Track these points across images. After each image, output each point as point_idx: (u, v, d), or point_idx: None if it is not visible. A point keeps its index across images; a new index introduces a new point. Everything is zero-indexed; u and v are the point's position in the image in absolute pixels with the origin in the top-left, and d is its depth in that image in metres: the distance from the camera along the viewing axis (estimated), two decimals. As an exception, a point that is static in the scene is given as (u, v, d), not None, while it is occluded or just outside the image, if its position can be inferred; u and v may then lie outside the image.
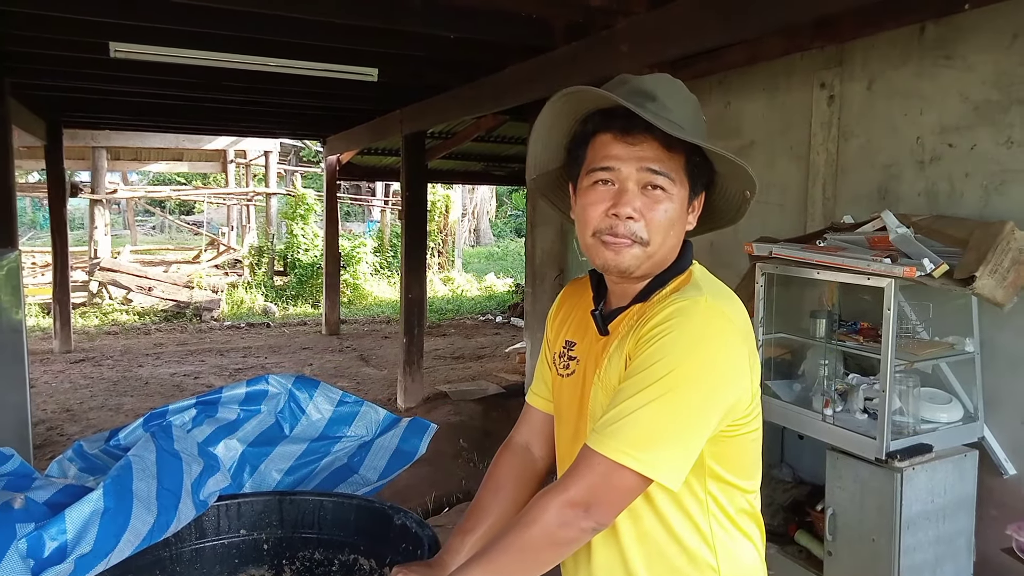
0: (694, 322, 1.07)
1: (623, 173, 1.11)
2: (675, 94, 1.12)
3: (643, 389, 1.04)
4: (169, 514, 1.37)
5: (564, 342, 1.31)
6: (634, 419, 1.02)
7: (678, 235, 1.17)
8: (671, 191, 1.12)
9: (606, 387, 1.15)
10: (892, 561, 2.50)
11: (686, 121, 1.10)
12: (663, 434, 1.03)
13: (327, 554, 1.59)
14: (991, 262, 2.33)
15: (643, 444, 1.02)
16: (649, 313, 1.12)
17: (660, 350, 1.05)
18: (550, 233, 6.25)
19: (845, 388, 2.84)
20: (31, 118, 7.25)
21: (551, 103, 1.15)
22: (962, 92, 2.82)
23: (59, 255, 8.54)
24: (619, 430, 1.03)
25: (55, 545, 1.19)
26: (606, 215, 1.12)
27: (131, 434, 1.66)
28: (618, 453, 1.02)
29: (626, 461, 1.01)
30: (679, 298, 1.11)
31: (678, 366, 1.04)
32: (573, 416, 1.26)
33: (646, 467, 1.02)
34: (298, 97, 6.20)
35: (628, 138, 1.10)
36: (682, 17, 3.00)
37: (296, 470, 1.79)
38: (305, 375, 1.91)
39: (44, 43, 4.32)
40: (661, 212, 1.12)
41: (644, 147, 1.10)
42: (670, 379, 1.03)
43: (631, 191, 1.11)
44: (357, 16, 3.49)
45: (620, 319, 1.19)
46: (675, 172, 1.12)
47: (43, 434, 5.60)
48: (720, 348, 1.07)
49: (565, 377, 1.28)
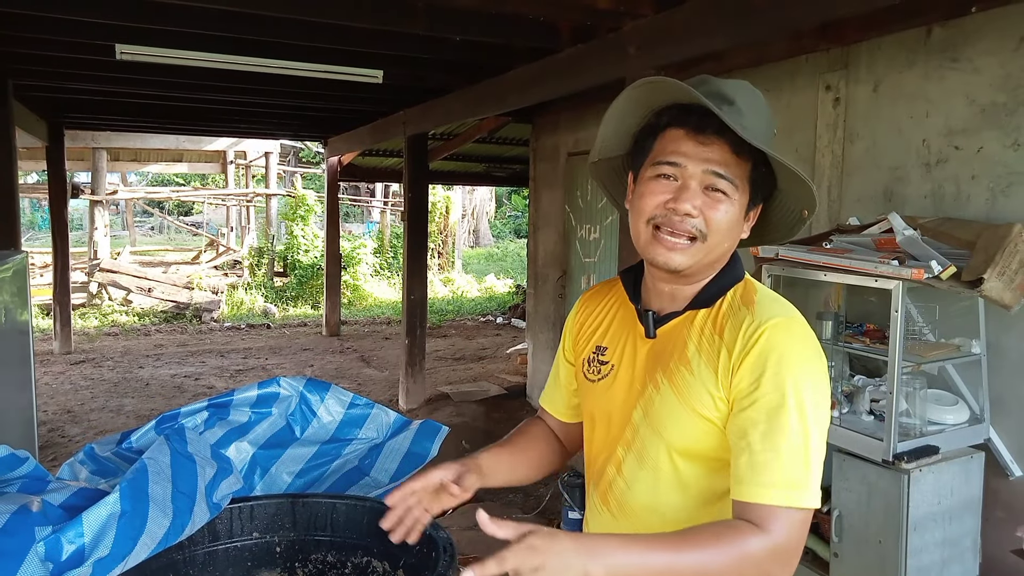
0: (804, 348, 1.09)
1: (688, 171, 1.11)
2: (753, 102, 1.11)
3: (784, 427, 1.05)
4: (184, 517, 1.37)
5: (595, 347, 1.29)
6: (793, 461, 1.04)
7: (733, 241, 1.16)
8: (732, 196, 1.11)
9: (685, 399, 1.14)
10: (899, 563, 2.50)
11: (759, 131, 1.09)
12: (815, 465, 1.06)
13: (340, 556, 1.58)
14: (999, 264, 2.33)
15: (808, 482, 1.05)
16: (736, 329, 1.12)
17: (785, 382, 1.06)
18: (552, 234, 6.26)
19: (851, 390, 2.84)
20: (33, 119, 7.25)
21: (630, 89, 1.13)
22: (969, 94, 2.83)
23: (59, 256, 8.53)
24: (789, 477, 1.04)
25: (73, 548, 1.19)
26: (663, 206, 1.11)
27: (143, 436, 1.65)
28: (802, 501, 1.03)
29: (808, 504, 1.04)
30: (770, 316, 1.11)
31: (806, 397, 1.06)
32: (604, 419, 1.25)
33: (816, 501, 1.05)
34: (300, 98, 6.20)
35: (700, 137, 1.10)
36: (689, 20, 3.00)
37: (307, 472, 1.78)
38: (316, 377, 1.90)
39: (47, 45, 4.31)
40: (721, 213, 1.11)
41: (714, 148, 1.09)
42: (803, 410, 1.05)
43: (693, 189, 1.10)
44: (362, 18, 3.49)
45: (677, 325, 1.18)
46: (739, 179, 1.11)
47: (44, 436, 5.59)
48: (823, 370, 1.11)
49: (595, 382, 1.27)
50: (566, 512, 3.74)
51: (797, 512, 1.03)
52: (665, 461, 1.17)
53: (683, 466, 1.16)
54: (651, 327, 1.20)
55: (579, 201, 5.79)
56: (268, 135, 11.11)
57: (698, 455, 1.15)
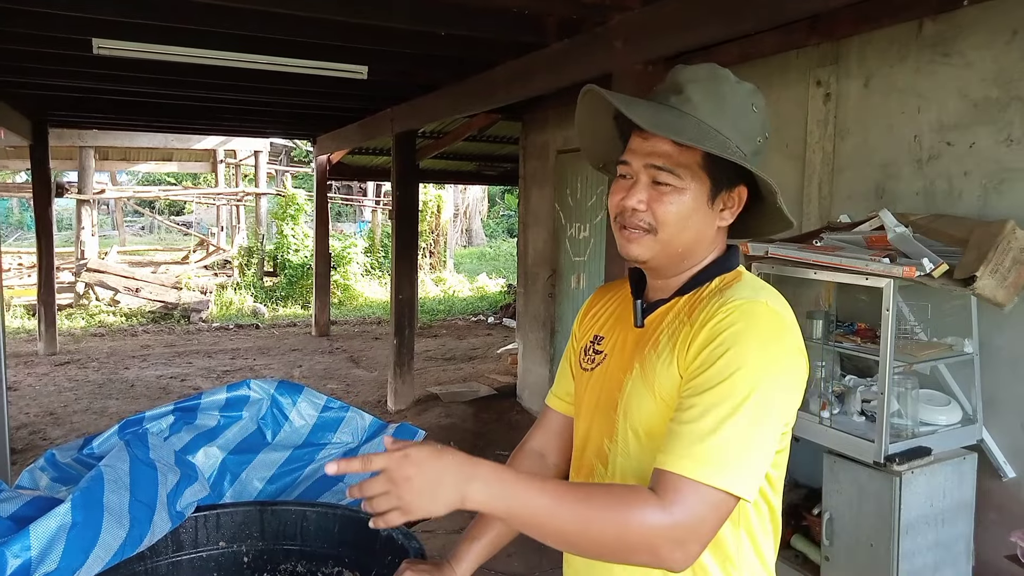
0: (762, 330, 1.04)
1: (634, 167, 1.14)
2: (707, 87, 1.11)
3: (721, 403, 0.99)
4: (143, 527, 1.30)
5: (592, 336, 1.29)
6: (722, 439, 0.97)
7: (698, 228, 1.13)
8: (680, 186, 1.11)
9: (648, 382, 1.11)
10: (890, 566, 2.46)
11: (713, 115, 1.09)
12: (750, 451, 0.98)
13: (310, 567, 1.53)
14: (992, 262, 2.29)
15: (737, 464, 0.97)
16: (703, 310, 1.09)
17: (731, 360, 1.01)
18: (543, 233, 6.20)
19: (842, 390, 2.79)
20: (16, 117, 7.15)
21: (579, 101, 1.18)
22: (961, 89, 2.78)
23: (44, 256, 8.43)
24: (714, 454, 0.96)
25: (18, 563, 1.12)
26: (620, 204, 1.15)
27: (105, 442, 1.59)
28: (723, 481, 0.95)
29: (732, 488, 0.96)
30: (735, 297, 1.08)
31: (754, 376, 1.00)
32: (592, 409, 1.23)
33: (744, 489, 0.97)
34: (287, 96, 6.13)
35: (643, 133, 1.12)
36: (677, 13, 2.95)
37: (279, 478, 1.72)
38: (288, 380, 1.84)
39: (26, 40, 4.22)
40: (667, 204, 1.11)
41: (655, 142, 1.11)
42: (747, 390, 0.99)
43: (640, 184, 1.13)
44: (346, 12, 3.43)
45: (661, 312, 1.17)
46: (685, 167, 1.10)
47: (25, 438, 5.50)
48: (787, 355, 1.05)
49: (589, 371, 1.26)
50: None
51: (709, 491, 0.95)
52: (635, 446, 1.13)
53: (656, 452, 1.11)
54: (639, 316, 1.19)
55: (569, 199, 5.73)
56: (256, 133, 11.01)
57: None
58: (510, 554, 3.52)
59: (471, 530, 1.32)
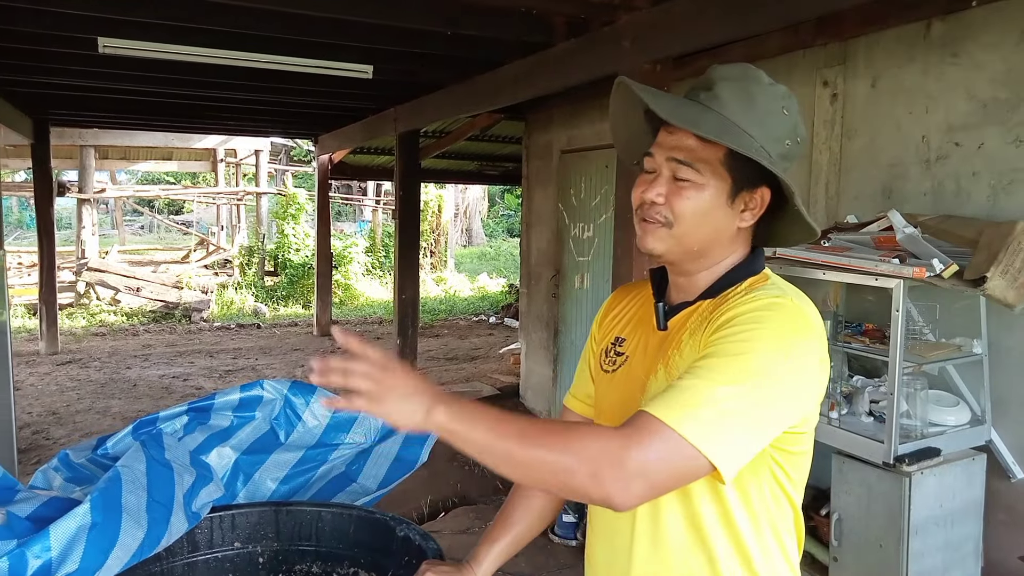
0: (782, 320, 1.03)
1: (658, 160, 1.14)
2: (737, 86, 1.10)
3: (724, 371, 0.97)
4: (160, 528, 1.30)
5: (613, 338, 1.28)
6: (712, 399, 0.95)
7: (715, 226, 1.12)
8: (700, 181, 1.10)
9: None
10: (900, 567, 2.46)
11: (739, 113, 1.08)
12: (737, 423, 0.96)
13: (325, 567, 1.53)
14: (1002, 262, 2.28)
15: (718, 430, 0.94)
16: (727, 306, 1.08)
17: (745, 339, 1.00)
18: (546, 233, 6.19)
19: (850, 390, 2.79)
20: (17, 115, 7.13)
21: (612, 94, 1.19)
22: (969, 90, 2.78)
23: (45, 255, 8.42)
24: (698, 409, 0.94)
25: (39, 563, 1.12)
26: (640, 197, 1.15)
27: (119, 442, 1.58)
28: (696, 435, 0.92)
29: (703, 446, 0.92)
30: (762, 295, 1.08)
31: (764, 357, 0.98)
32: (614, 411, 1.21)
33: (718, 456, 0.93)
34: (290, 95, 6.11)
35: (669, 127, 1.12)
36: (685, 13, 2.95)
37: (292, 479, 1.72)
38: (301, 380, 1.84)
39: (29, 39, 4.21)
40: (685, 199, 1.11)
41: (679, 136, 1.10)
42: (754, 367, 0.97)
43: (662, 177, 1.13)
44: (352, 11, 3.42)
45: (685, 315, 1.16)
46: (707, 163, 1.10)
47: (28, 438, 5.49)
48: (804, 352, 1.03)
49: (610, 373, 1.25)
50: (560, 514, 3.68)
51: (681, 441, 0.92)
52: None
53: None
54: (662, 318, 1.19)
55: (572, 199, 5.73)
56: (259, 132, 10.99)
57: None
58: (516, 555, 3.51)
59: (490, 532, 1.32)
